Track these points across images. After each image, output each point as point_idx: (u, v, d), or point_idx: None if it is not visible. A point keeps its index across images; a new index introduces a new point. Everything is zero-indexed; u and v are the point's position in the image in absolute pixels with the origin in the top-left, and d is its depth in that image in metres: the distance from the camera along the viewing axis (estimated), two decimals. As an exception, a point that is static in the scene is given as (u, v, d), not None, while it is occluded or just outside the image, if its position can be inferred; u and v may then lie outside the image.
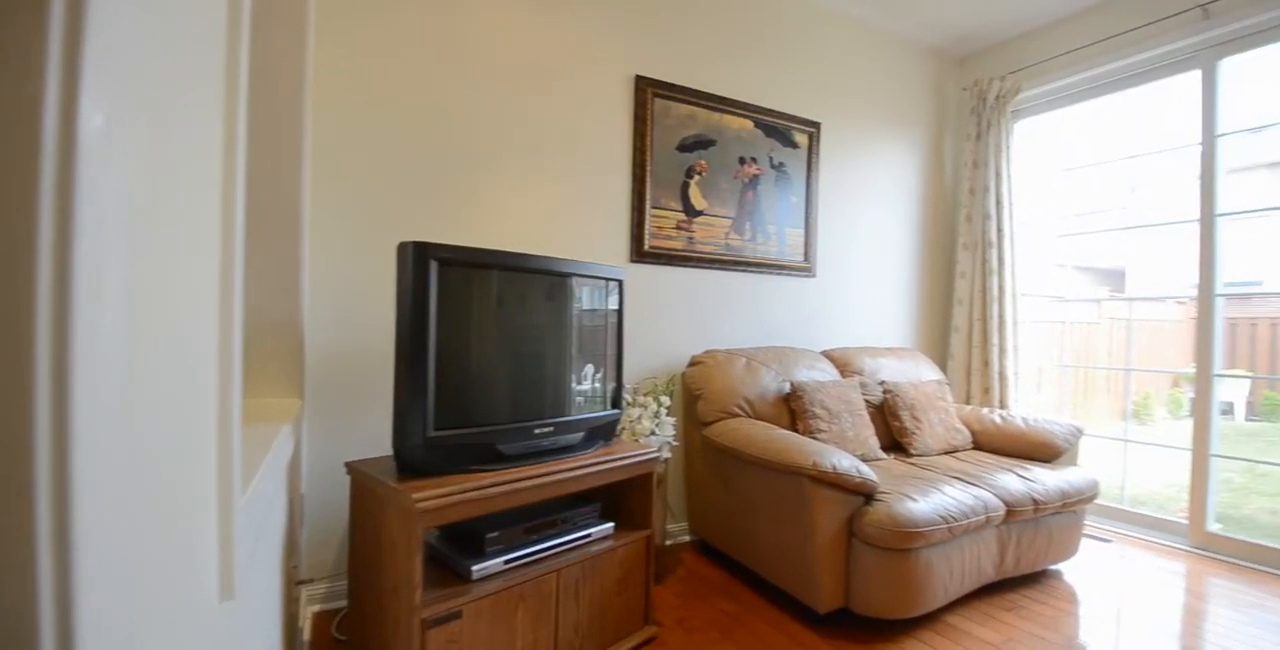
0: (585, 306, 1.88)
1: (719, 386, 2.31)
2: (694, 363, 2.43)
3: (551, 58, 2.28)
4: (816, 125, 2.96)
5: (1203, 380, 2.69)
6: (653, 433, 2.09)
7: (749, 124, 2.74)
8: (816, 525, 1.83)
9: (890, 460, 2.38)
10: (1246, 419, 6.27)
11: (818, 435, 2.25)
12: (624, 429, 2.07)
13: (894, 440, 2.57)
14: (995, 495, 2.03)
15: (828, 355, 2.77)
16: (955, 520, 1.86)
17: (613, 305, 1.92)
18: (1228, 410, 6.19)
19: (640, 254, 2.46)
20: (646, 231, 2.47)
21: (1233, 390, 6.21)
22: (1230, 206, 2.65)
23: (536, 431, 1.63)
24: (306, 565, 1.90)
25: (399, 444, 1.42)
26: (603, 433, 1.84)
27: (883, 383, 2.65)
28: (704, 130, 2.62)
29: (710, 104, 2.63)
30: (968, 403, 3.26)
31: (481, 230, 2.15)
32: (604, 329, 1.91)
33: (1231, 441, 4.84)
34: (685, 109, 2.57)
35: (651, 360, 2.52)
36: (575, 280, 1.79)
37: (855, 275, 3.19)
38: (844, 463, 1.82)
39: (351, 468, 1.55)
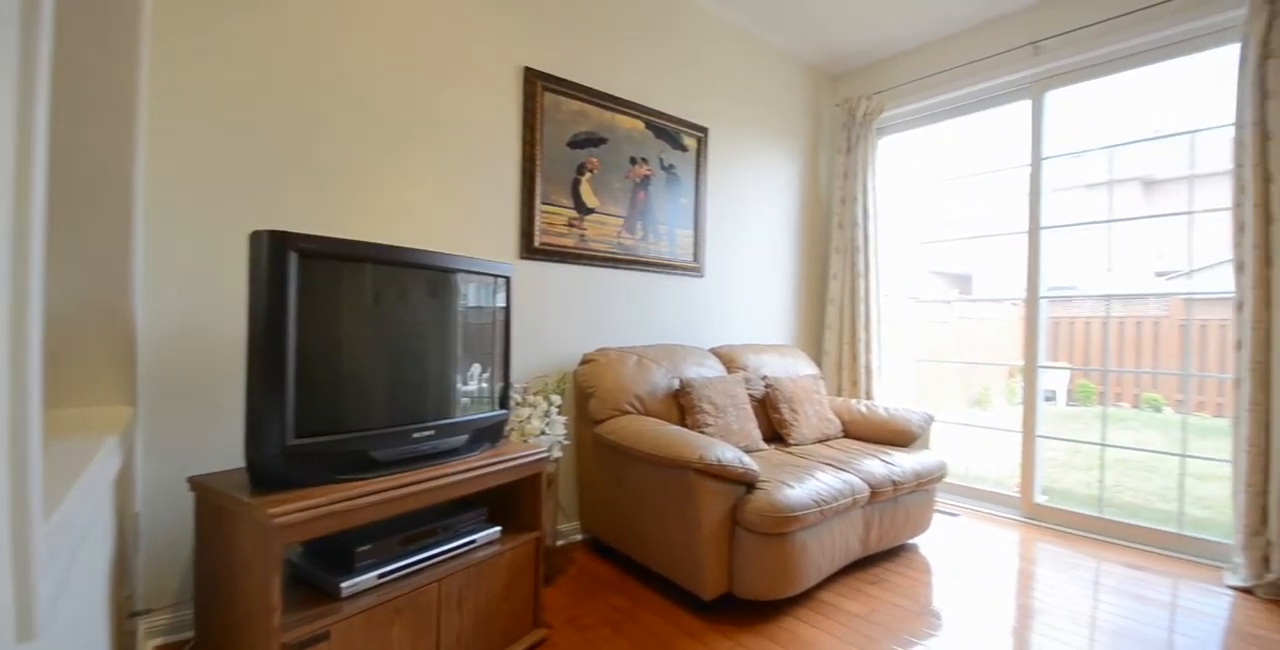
0: (471, 304, 1.82)
1: (610, 384, 2.33)
2: (586, 361, 2.43)
3: (436, 41, 2.18)
4: (704, 130, 3.06)
5: (1030, 371, 3.10)
6: (543, 432, 2.06)
7: (640, 124, 2.78)
8: (702, 515, 1.90)
9: (771, 450, 2.51)
10: (1067, 404, 7.29)
11: (705, 429, 2.33)
12: (513, 430, 2.02)
13: (774, 431, 2.72)
14: (861, 479, 2.21)
15: (716, 352, 2.88)
16: (827, 503, 2.00)
17: (500, 302, 1.88)
18: (1052, 397, 7.18)
19: (530, 251, 2.42)
20: (537, 228, 2.43)
21: (1056, 380, 7.20)
22: (1052, 221, 3.06)
23: (416, 435, 1.55)
24: (144, 594, 1.68)
25: (253, 454, 1.30)
26: (489, 434, 1.79)
27: (765, 378, 2.79)
28: (595, 128, 2.62)
29: (602, 102, 2.64)
30: (839, 394, 3.52)
31: (362, 222, 2.01)
32: (491, 327, 1.86)
33: (1055, 424, 5.60)
34: (576, 105, 2.56)
35: (543, 359, 2.49)
36: (460, 276, 1.72)
37: (741, 276, 3.34)
38: (728, 455, 1.90)
39: (196, 483, 1.39)
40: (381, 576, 1.44)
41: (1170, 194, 9.79)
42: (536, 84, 2.42)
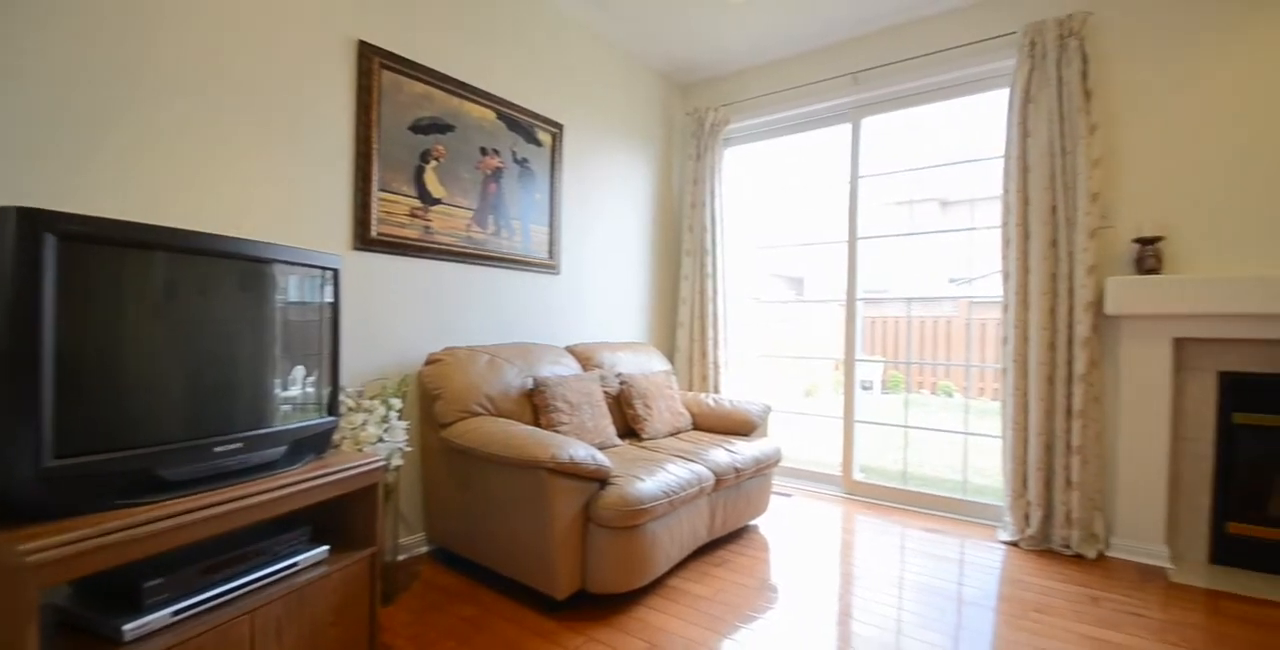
0: (293, 299, 1.63)
1: (459, 385, 2.21)
2: (431, 361, 2.29)
3: (258, 1, 1.92)
4: (560, 126, 3.03)
5: (849, 364, 3.47)
6: (381, 439, 1.90)
7: (491, 114, 2.68)
8: (555, 514, 1.87)
9: (625, 446, 2.55)
10: (881, 393, 8.32)
11: (560, 428, 2.30)
12: (344, 438, 1.84)
13: (629, 427, 2.77)
14: (708, 468, 2.32)
15: (571, 351, 2.86)
16: (676, 494, 2.08)
17: (328, 298, 1.70)
18: (869, 386, 8.14)
19: (366, 241, 2.22)
20: (373, 216, 2.23)
21: (872, 372, 8.17)
22: (867, 232, 3.45)
23: (219, 450, 1.35)
24: None
25: (-6, 481, 1.05)
26: (314, 444, 1.61)
27: (620, 375, 2.83)
28: (441, 113, 2.48)
29: (449, 87, 2.50)
30: (690, 389, 3.69)
31: (156, 203, 1.71)
32: (318, 325, 1.68)
33: (871, 410, 6.35)
34: (420, 88, 2.40)
35: (382, 360, 2.30)
36: (278, 268, 1.53)
37: (598, 274, 3.36)
38: (580, 453, 1.89)
39: (-100, 523, 1.09)
40: (178, 613, 1.24)
41: (960, 212, 11.56)
42: (373, 60, 2.23)
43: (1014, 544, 2.68)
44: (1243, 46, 2.41)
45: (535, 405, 2.37)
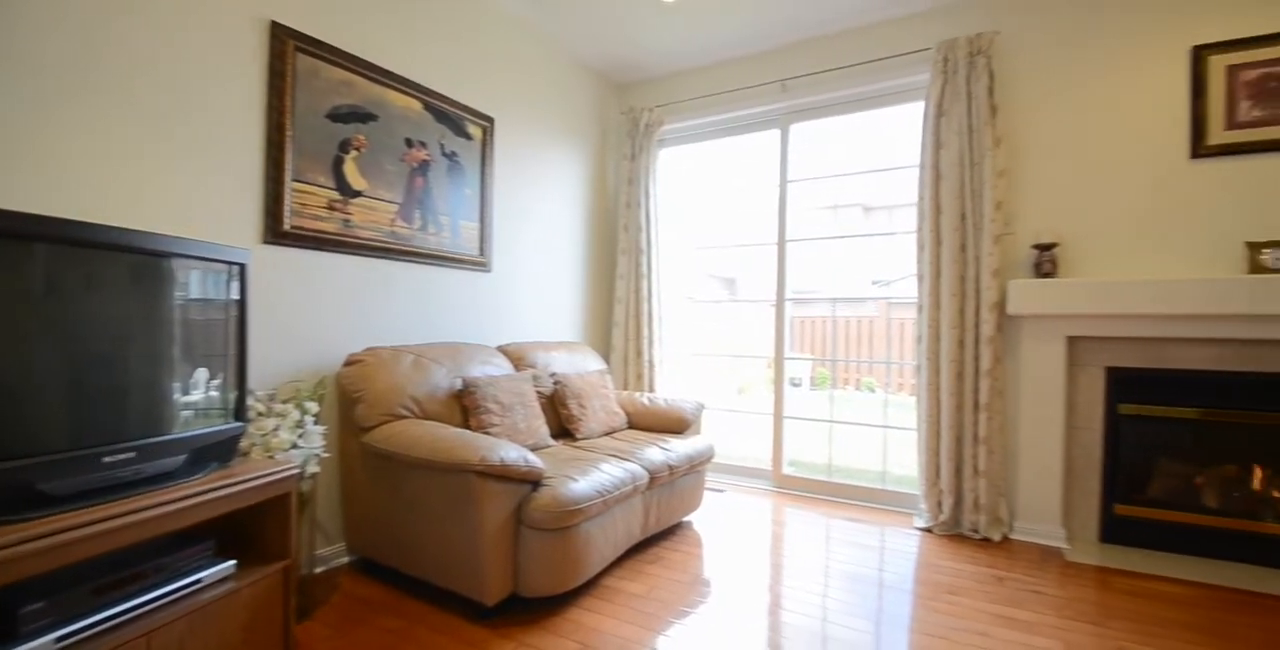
0: (194, 296, 1.51)
1: (382, 387, 2.12)
2: (351, 362, 2.18)
3: (143, -27, 1.76)
4: (491, 120, 2.96)
5: (778, 362, 3.58)
6: (295, 446, 1.79)
7: (417, 104, 2.58)
8: (485, 519, 1.82)
9: (559, 446, 2.52)
10: (810, 389, 8.63)
11: (490, 430, 2.25)
12: (254, 445, 1.72)
13: (563, 427, 2.74)
14: (642, 466, 2.33)
15: (503, 350, 2.80)
16: (610, 493, 2.07)
17: (234, 295, 1.59)
18: (799, 383, 8.43)
19: (279, 234, 2.09)
20: (287, 208, 2.10)
21: (802, 369, 8.47)
22: (795, 235, 3.57)
23: (108, 460, 1.23)
24: None
25: None
26: (218, 452, 1.50)
27: (554, 375, 2.80)
28: (363, 102, 2.36)
29: (372, 75, 2.39)
30: (625, 388, 3.69)
31: (33, 190, 1.53)
32: (223, 325, 1.57)
33: (801, 406, 6.57)
34: (340, 74, 2.28)
35: (297, 361, 2.17)
36: (177, 262, 1.41)
37: (531, 272, 3.31)
38: (512, 454, 1.85)
39: None
40: (62, 640, 1.13)
41: (882, 217, 12.17)
42: (287, 42, 2.09)
43: (928, 530, 2.84)
44: (1122, 73, 2.65)
45: (465, 407, 2.30)
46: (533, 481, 1.92)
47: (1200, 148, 2.52)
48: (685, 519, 2.87)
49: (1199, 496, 2.60)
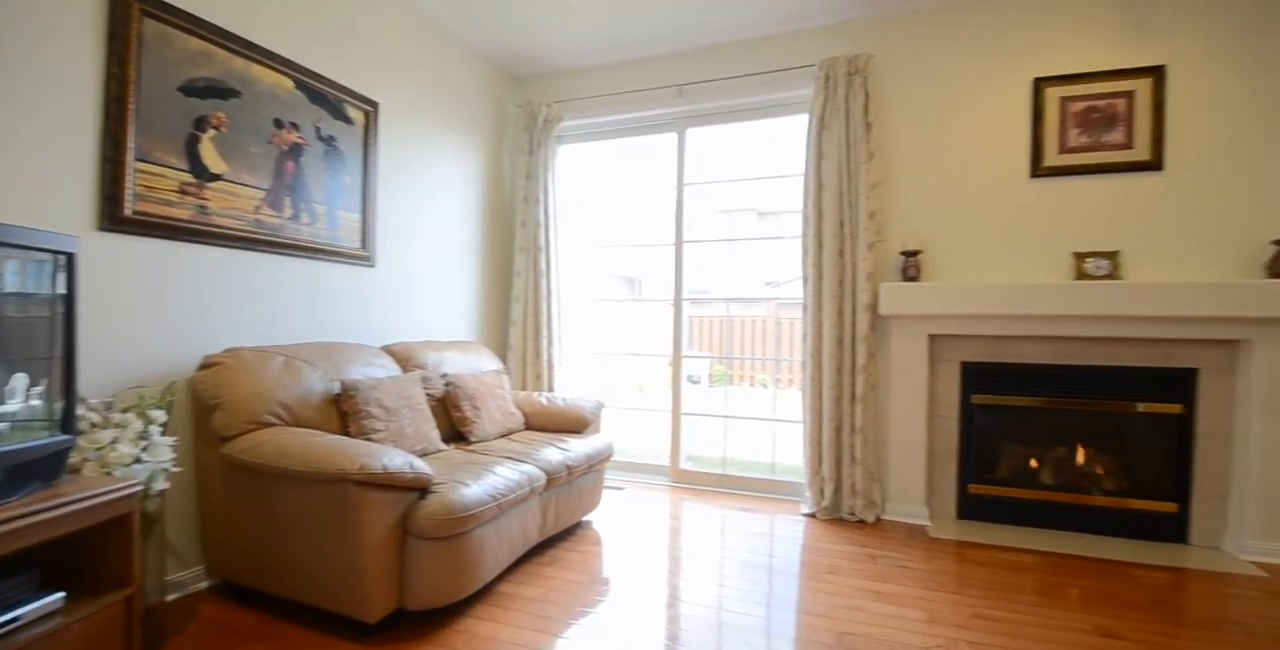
0: (10, 289, 1.30)
1: (245, 392, 1.92)
2: (208, 365, 1.96)
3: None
4: (374, 104, 2.78)
5: (676, 360, 3.66)
6: (138, 460, 1.58)
7: (289, 83, 2.37)
8: (366, 531, 1.71)
9: (451, 450, 2.42)
10: (709, 386, 8.91)
11: (373, 436, 2.11)
12: (86, 460, 1.50)
13: (456, 430, 2.63)
14: (539, 467, 2.29)
15: (389, 351, 2.64)
16: (504, 496, 2.01)
17: (61, 288, 1.38)
18: (698, 381, 8.68)
19: (118, 221, 1.83)
20: (128, 191, 1.85)
21: (701, 367, 8.73)
22: (692, 236, 3.66)
23: (-125, 485, 1.02)
24: None
25: None
26: (41, 470, 1.29)
27: (445, 376, 2.68)
28: (223, 75, 2.13)
29: (235, 47, 2.16)
30: (524, 388, 3.61)
31: None
32: (47, 323, 1.35)
33: (700, 402, 6.76)
34: (196, 44, 2.04)
35: (141, 365, 1.92)
36: (-23, 248, 1.20)
37: (422, 268, 3.14)
38: (396, 461, 1.75)
39: None
40: None
41: (774, 223, 12.81)
42: (132, 5, 1.84)
43: (812, 515, 3.02)
44: (976, 99, 2.97)
45: (344, 412, 2.14)
46: (420, 488, 1.82)
47: (1038, 168, 2.87)
48: (584, 519, 2.85)
49: (1037, 475, 2.97)
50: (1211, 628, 1.95)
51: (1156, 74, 2.71)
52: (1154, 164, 2.71)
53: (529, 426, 2.92)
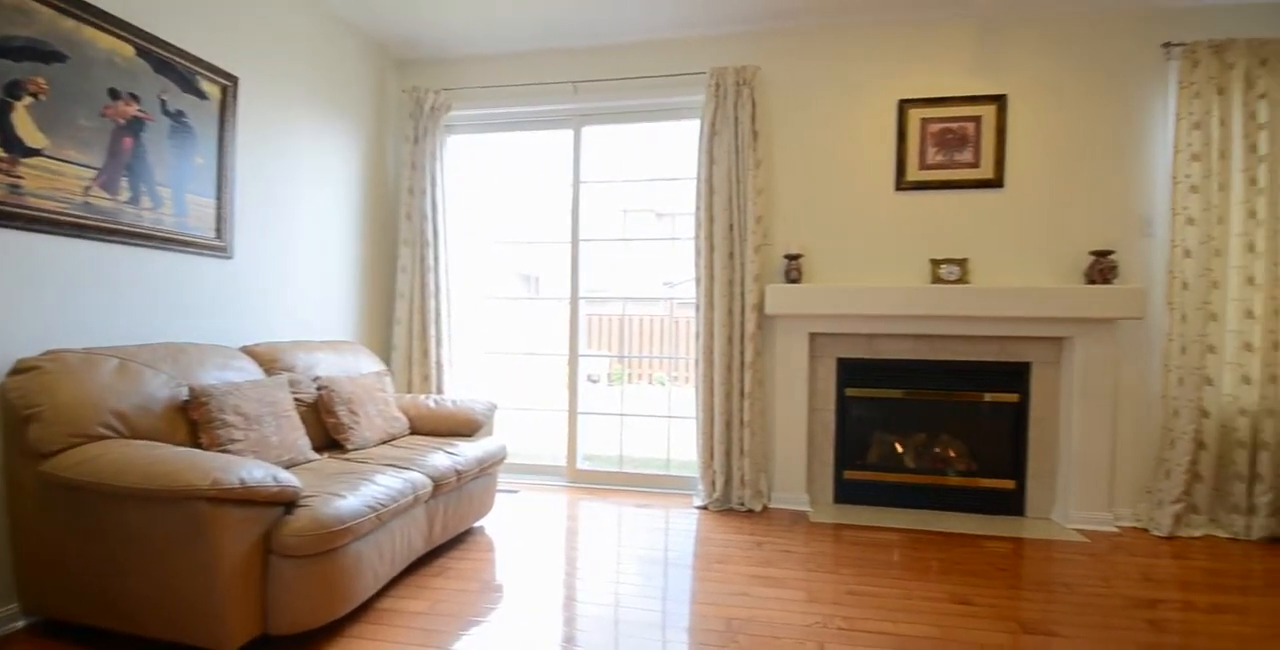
0: None
1: (69, 400, 1.66)
2: (22, 369, 1.67)
3: None
4: (234, 79, 2.51)
5: (572, 359, 3.64)
6: (-83, 484, 1.31)
7: (129, 49, 2.08)
8: (222, 553, 1.53)
9: (324, 460, 2.24)
10: (608, 385, 8.93)
11: (231, 446, 1.90)
12: None
13: (331, 438, 2.44)
14: (424, 474, 2.18)
15: (250, 352, 2.39)
16: (385, 506, 1.89)
17: None
18: (596, 380, 8.68)
19: (-108, 199, 1.52)
20: (-95, 163, 1.54)
21: (600, 366, 8.74)
22: (589, 235, 3.64)
23: None
24: None
25: None
26: None
27: (318, 379, 2.48)
28: (45, 35, 1.83)
29: (62, 5, 1.86)
30: (410, 391, 3.42)
31: None
32: None
33: (599, 401, 6.76)
34: (6, -3, 1.73)
35: (-73, 370, 1.60)
36: None
37: (291, 261, 2.88)
38: (256, 473, 1.59)
39: None
40: None
41: (670, 224, 13.10)
42: (-92, -63, 1.53)
43: (705, 508, 3.12)
44: (851, 115, 3.20)
45: (194, 421, 1.91)
46: (285, 503, 1.67)
47: (902, 182, 3.15)
48: (476, 524, 2.75)
49: (902, 460, 3.26)
50: (1043, 589, 2.23)
51: (1000, 102, 3.06)
52: (996, 182, 3.07)
53: (415, 431, 2.77)
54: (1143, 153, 2.97)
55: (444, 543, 2.45)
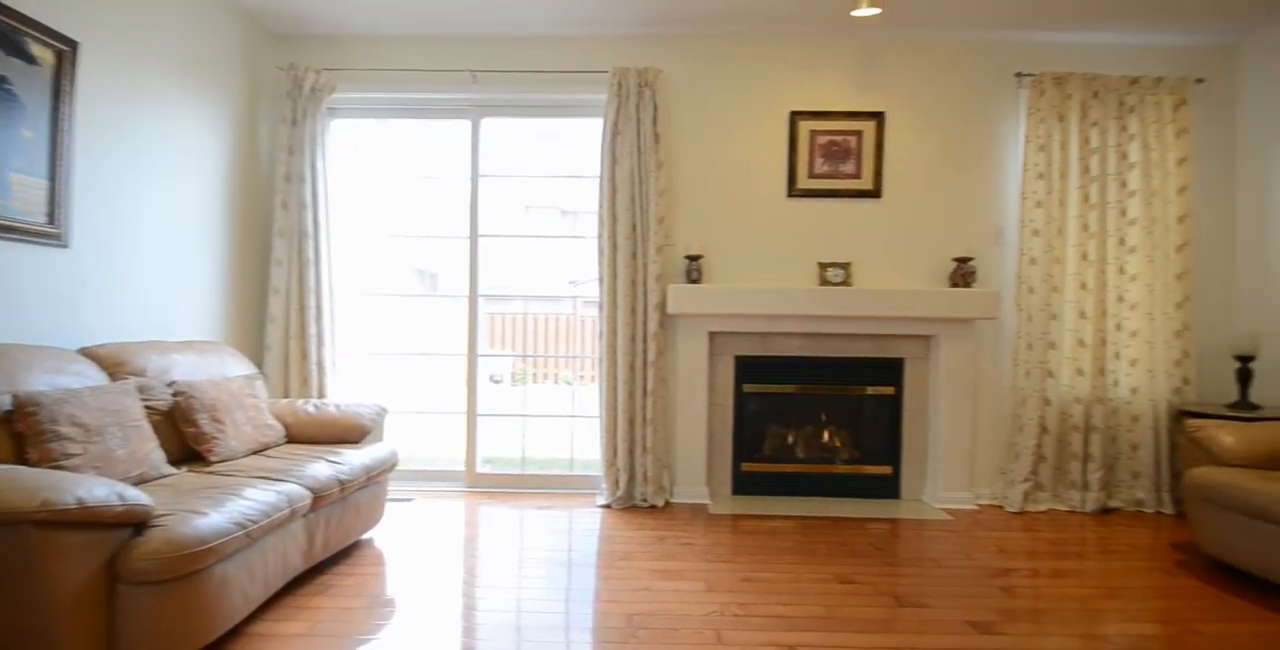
0: None
1: None
2: None
3: None
4: (73, 44, 2.18)
5: (471, 359, 3.52)
6: None
7: (-76, -2, 1.75)
8: (57, 583, 1.33)
9: (183, 474, 2.00)
10: (512, 386, 8.72)
11: (65, 462, 1.65)
12: None
13: (191, 449, 2.19)
14: (302, 486, 2.00)
15: (91, 354, 2.09)
16: (255, 523, 1.72)
17: None
18: (500, 380, 8.45)
19: None
20: None
21: (504, 366, 8.51)
22: (489, 230, 3.54)
23: None
24: None
25: None
26: None
27: (174, 384, 2.21)
28: None
29: None
30: (287, 395, 3.15)
31: None
32: None
33: (503, 403, 6.59)
34: None
35: None
36: None
37: (144, 251, 2.56)
38: (98, 492, 1.39)
39: None
40: None
41: (575, 221, 13.02)
42: None
43: (608, 506, 3.12)
44: (747, 123, 3.34)
45: (19, 434, 1.64)
46: (134, 523, 1.47)
47: (793, 189, 3.33)
48: (364, 537, 2.58)
49: (794, 450, 3.45)
50: (915, 565, 2.43)
51: (879, 118, 3.31)
52: (875, 192, 3.32)
53: (293, 439, 2.55)
54: (999, 170, 3.34)
55: (327, 558, 2.27)
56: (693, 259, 3.22)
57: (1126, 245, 3.18)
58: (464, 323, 3.56)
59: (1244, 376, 3.00)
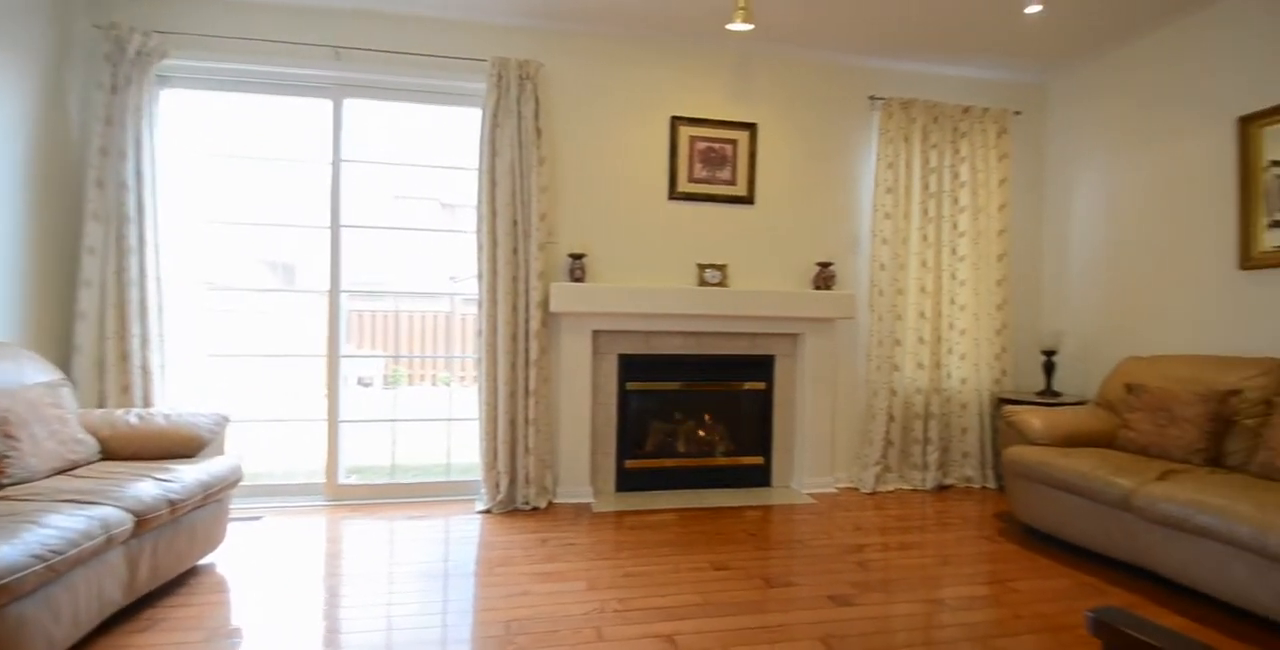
0: None
1: None
2: None
3: None
4: None
5: (332, 361, 3.24)
6: None
7: None
8: None
9: (-44, 502, 1.65)
10: (384, 388, 8.14)
11: None
12: None
13: (-31, 472, 1.81)
14: (121, 508, 1.73)
15: None
16: (60, 554, 1.46)
17: None
18: (369, 383, 7.87)
19: None
20: None
21: (373, 367, 7.93)
22: (355, 221, 3.27)
23: None
24: None
25: None
26: None
27: (-54, 393, 1.82)
28: None
29: None
30: (102, 405, 2.69)
31: None
32: None
33: (372, 406, 6.13)
34: None
35: None
36: None
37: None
38: None
39: None
40: None
41: (456, 215, 12.44)
42: None
43: (488, 511, 3.01)
44: (629, 125, 3.37)
45: None
46: (-121, 568, 1.19)
47: (673, 192, 3.42)
48: (202, 562, 2.29)
49: (675, 446, 3.54)
50: (785, 547, 2.59)
51: (752, 129, 3.49)
52: (749, 199, 3.50)
53: (111, 455, 2.19)
54: (856, 183, 3.66)
55: (156, 589, 1.98)
56: (576, 257, 3.20)
57: (958, 254, 3.63)
58: (324, 321, 3.27)
59: (1049, 368, 3.55)
